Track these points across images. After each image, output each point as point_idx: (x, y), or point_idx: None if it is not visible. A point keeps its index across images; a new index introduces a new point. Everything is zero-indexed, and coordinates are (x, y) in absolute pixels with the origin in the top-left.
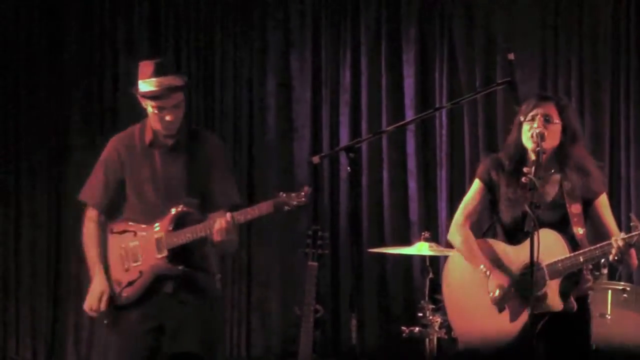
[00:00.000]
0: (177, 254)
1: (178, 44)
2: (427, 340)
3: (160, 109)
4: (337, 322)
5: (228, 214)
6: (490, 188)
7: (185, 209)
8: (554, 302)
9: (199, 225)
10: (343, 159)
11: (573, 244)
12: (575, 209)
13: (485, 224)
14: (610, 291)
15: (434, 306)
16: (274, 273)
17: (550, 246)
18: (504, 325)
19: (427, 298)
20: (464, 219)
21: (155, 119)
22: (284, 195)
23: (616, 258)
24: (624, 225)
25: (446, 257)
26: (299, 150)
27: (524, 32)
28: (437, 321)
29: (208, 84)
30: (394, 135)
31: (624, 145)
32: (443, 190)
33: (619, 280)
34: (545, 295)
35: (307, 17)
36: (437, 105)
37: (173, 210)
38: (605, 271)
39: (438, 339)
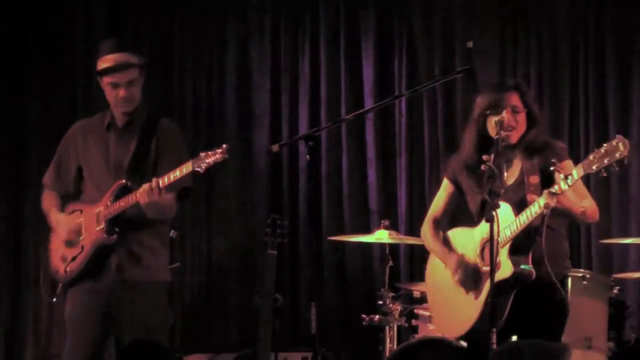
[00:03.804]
0: (116, 227)
1: (137, 35)
2: (387, 328)
3: (114, 85)
4: (297, 311)
5: (153, 179)
6: (458, 185)
7: (124, 182)
8: (504, 268)
9: (127, 196)
10: (302, 147)
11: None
12: (533, 179)
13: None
14: (569, 279)
15: (393, 294)
16: (234, 262)
17: (501, 217)
18: (470, 305)
19: (386, 286)
20: (432, 218)
21: (110, 96)
22: (203, 154)
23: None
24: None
25: (406, 245)
26: (258, 139)
27: (482, 20)
28: (396, 309)
29: (167, 75)
30: (353, 124)
31: (583, 135)
32: (402, 178)
33: (578, 267)
34: (498, 265)
35: (267, 7)
36: (396, 94)
37: (116, 184)
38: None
39: (398, 327)
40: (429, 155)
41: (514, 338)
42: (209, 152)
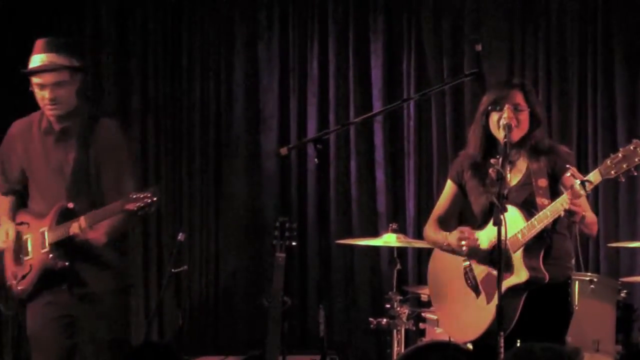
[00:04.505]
0: (62, 249)
1: (145, 35)
2: (394, 331)
3: (40, 86)
4: (305, 314)
5: (82, 218)
6: (461, 186)
7: (64, 204)
8: (520, 273)
9: (66, 224)
10: (311, 150)
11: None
12: (541, 182)
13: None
14: (577, 282)
15: (401, 297)
16: (242, 264)
17: (510, 221)
18: (482, 309)
19: (394, 289)
20: (435, 219)
21: (38, 97)
22: (133, 195)
23: (568, 214)
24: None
25: (414, 248)
26: (267, 142)
27: (491, 23)
28: (404, 312)
29: (175, 76)
30: (362, 127)
31: (592, 135)
32: (411, 181)
33: (586, 271)
34: (512, 269)
35: (275, 8)
36: (405, 97)
37: (58, 206)
38: None
39: (406, 330)
40: (437, 158)
41: (518, 342)
42: (139, 195)
